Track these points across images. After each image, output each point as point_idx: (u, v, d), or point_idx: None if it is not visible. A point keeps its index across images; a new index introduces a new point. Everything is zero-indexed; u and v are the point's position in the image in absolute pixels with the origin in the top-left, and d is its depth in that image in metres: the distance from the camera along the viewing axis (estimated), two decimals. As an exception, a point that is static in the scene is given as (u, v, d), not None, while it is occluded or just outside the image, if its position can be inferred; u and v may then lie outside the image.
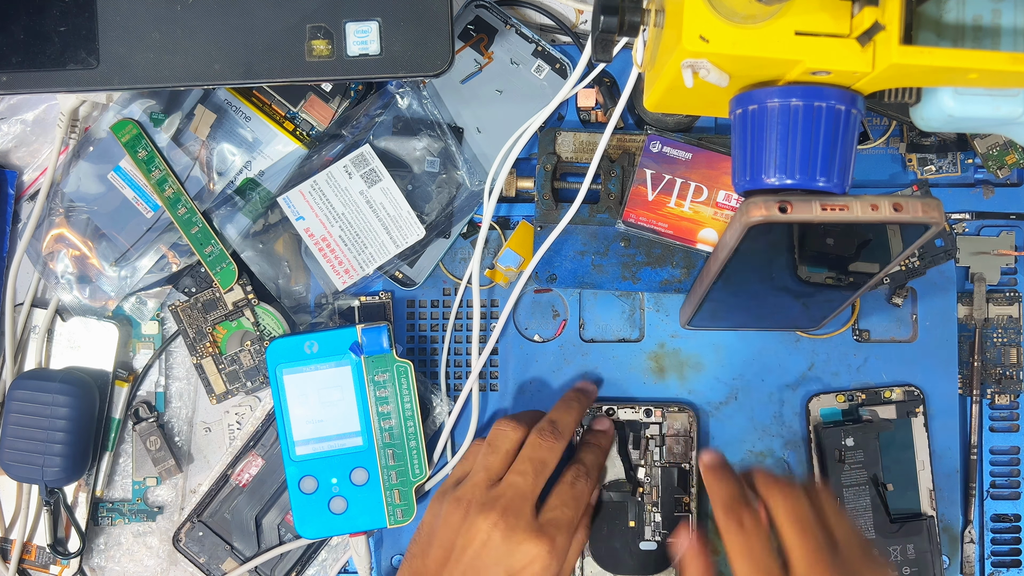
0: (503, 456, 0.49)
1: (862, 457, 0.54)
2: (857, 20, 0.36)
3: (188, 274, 0.56)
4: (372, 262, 0.55)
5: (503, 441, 0.50)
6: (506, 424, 0.50)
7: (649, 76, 0.43)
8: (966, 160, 0.56)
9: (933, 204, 0.39)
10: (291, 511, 0.54)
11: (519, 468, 0.48)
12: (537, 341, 0.56)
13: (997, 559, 0.56)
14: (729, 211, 0.52)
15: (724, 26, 0.36)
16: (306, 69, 0.48)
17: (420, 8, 0.47)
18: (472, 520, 0.47)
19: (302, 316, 0.56)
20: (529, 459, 0.49)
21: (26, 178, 0.57)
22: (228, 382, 0.56)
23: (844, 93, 0.38)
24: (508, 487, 0.48)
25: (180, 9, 0.47)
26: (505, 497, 0.47)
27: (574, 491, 0.49)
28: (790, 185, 0.38)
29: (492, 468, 0.49)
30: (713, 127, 0.55)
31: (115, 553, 0.57)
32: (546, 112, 0.54)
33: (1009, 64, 0.35)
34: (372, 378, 0.53)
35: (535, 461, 0.49)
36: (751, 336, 0.56)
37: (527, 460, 0.49)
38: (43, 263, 0.55)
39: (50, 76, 0.48)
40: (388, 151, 0.55)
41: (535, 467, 0.48)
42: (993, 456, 0.56)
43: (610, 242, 0.54)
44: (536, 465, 0.48)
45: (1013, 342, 0.56)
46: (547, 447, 0.49)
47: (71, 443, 0.53)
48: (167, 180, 0.54)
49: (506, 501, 0.47)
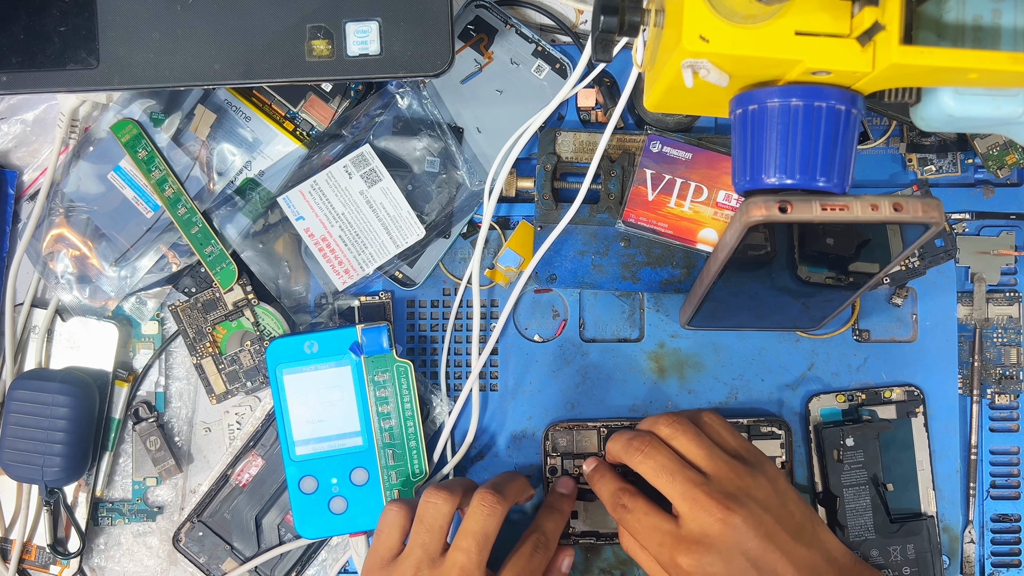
0: (438, 533, 0.47)
1: (862, 457, 0.54)
2: (857, 20, 0.36)
3: (188, 274, 0.56)
4: (372, 262, 0.55)
5: (435, 516, 0.47)
6: (435, 496, 0.48)
7: (649, 76, 0.43)
8: (966, 160, 0.56)
9: (933, 204, 0.39)
10: (291, 511, 0.54)
11: (461, 544, 0.46)
12: (537, 341, 0.56)
13: (997, 559, 0.56)
14: (729, 211, 0.52)
15: (724, 26, 0.36)
16: (306, 69, 0.48)
17: (420, 8, 0.47)
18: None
19: (302, 316, 0.56)
20: (472, 533, 0.47)
21: (26, 178, 0.57)
22: (228, 382, 0.56)
23: (844, 93, 0.38)
24: (452, 566, 0.46)
25: (180, 9, 0.47)
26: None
27: (531, 564, 0.48)
28: (790, 185, 0.39)
29: (429, 546, 0.47)
30: (713, 127, 0.55)
31: (115, 553, 0.57)
32: (546, 112, 0.54)
33: (1009, 64, 0.35)
34: (372, 378, 0.53)
35: (476, 534, 0.46)
36: (751, 336, 0.56)
37: (468, 534, 0.47)
38: (43, 263, 0.55)
39: (50, 76, 0.48)
40: (388, 151, 0.55)
41: (477, 541, 0.46)
42: (993, 456, 0.56)
43: (610, 242, 0.54)
44: (479, 539, 0.46)
45: (1013, 342, 0.56)
46: (488, 514, 0.47)
47: (71, 443, 0.53)
48: (167, 180, 0.54)
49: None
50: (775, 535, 0.44)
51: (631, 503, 0.47)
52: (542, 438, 0.55)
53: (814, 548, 0.45)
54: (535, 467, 0.56)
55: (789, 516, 0.45)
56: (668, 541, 0.44)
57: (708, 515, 0.43)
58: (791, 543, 0.44)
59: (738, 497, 0.44)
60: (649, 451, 0.46)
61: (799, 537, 0.44)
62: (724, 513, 0.43)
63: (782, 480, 0.47)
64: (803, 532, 0.45)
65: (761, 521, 0.44)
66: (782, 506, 0.45)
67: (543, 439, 0.55)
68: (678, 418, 0.48)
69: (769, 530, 0.44)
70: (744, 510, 0.43)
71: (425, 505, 0.48)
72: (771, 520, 0.44)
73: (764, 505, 0.44)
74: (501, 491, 0.48)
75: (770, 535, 0.44)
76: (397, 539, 0.48)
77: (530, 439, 0.56)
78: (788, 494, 0.46)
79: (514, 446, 0.56)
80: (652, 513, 0.46)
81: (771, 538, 0.44)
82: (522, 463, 0.56)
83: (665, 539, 0.45)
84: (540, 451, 0.55)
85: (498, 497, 0.48)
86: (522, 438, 0.56)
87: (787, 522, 0.45)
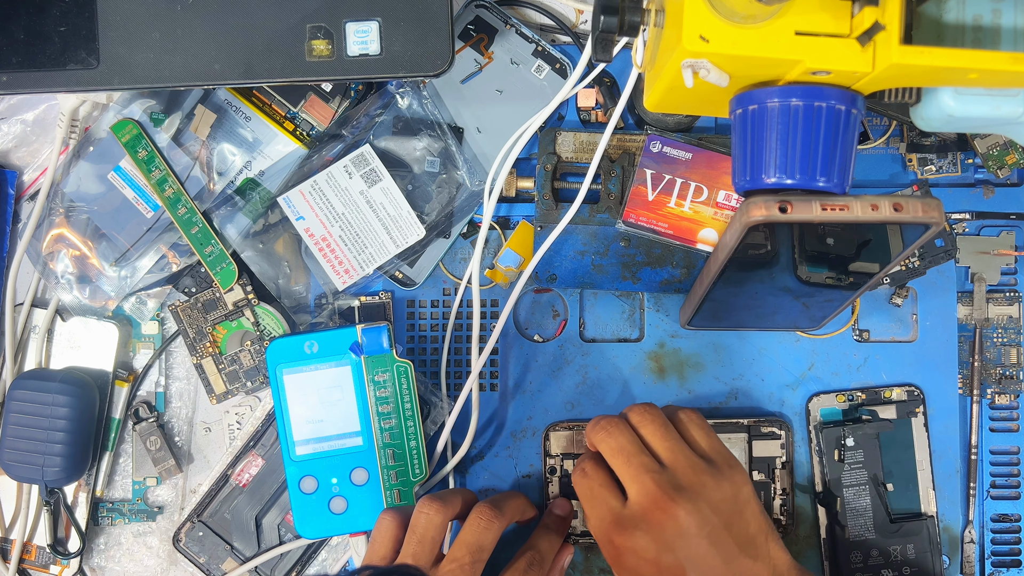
0: (431, 544, 0.47)
1: (862, 457, 0.54)
2: (857, 20, 0.36)
3: (188, 274, 0.56)
4: (372, 262, 0.55)
5: (428, 528, 0.47)
6: (429, 507, 0.47)
7: (649, 76, 0.43)
8: (966, 160, 0.56)
9: (933, 204, 0.39)
10: (291, 511, 0.54)
11: (455, 555, 0.46)
12: (537, 341, 0.56)
13: (997, 559, 0.56)
14: (729, 211, 0.52)
15: (724, 26, 0.36)
16: (306, 69, 0.48)
17: (420, 8, 0.47)
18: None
19: (302, 316, 0.56)
20: (467, 545, 0.46)
21: (26, 178, 0.57)
22: (228, 382, 0.56)
23: (844, 93, 0.38)
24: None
25: (180, 9, 0.47)
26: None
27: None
28: (790, 185, 0.39)
29: (420, 557, 0.46)
30: (713, 127, 0.55)
31: (115, 553, 0.57)
32: (546, 112, 0.54)
33: (1009, 64, 0.35)
34: (372, 378, 0.53)
35: (472, 546, 0.46)
36: (751, 336, 0.56)
37: (464, 546, 0.46)
38: (43, 263, 0.55)
39: (50, 76, 0.48)
40: (388, 151, 0.55)
41: (472, 554, 0.46)
42: (993, 456, 0.56)
43: (610, 242, 0.54)
44: (473, 551, 0.46)
45: (1013, 342, 0.56)
46: (484, 527, 0.47)
47: (71, 443, 0.53)
48: (167, 180, 0.54)
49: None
50: (719, 539, 0.43)
51: (591, 470, 0.47)
52: (542, 438, 0.55)
53: (760, 562, 0.44)
54: (535, 467, 0.56)
55: (743, 525, 0.45)
56: (608, 517, 0.45)
57: (651, 501, 0.43)
58: (735, 551, 0.43)
59: (688, 492, 0.44)
60: (612, 431, 0.46)
61: (747, 548, 0.44)
62: (667, 503, 0.43)
63: (747, 489, 0.46)
64: (753, 544, 0.44)
65: (707, 521, 0.43)
66: (737, 513, 0.45)
67: (543, 439, 0.55)
68: (650, 407, 0.48)
69: (713, 532, 0.43)
70: (690, 505, 0.43)
71: (418, 515, 0.47)
72: (719, 523, 0.44)
73: (715, 507, 0.44)
74: (500, 507, 0.48)
75: (713, 538, 0.43)
76: (390, 548, 0.48)
77: (530, 439, 0.56)
78: (749, 505, 0.45)
79: (514, 446, 0.56)
80: (606, 486, 0.46)
81: (714, 541, 0.43)
82: (522, 463, 0.56)
83: (606, 515, 0.45)
84: (540, 451, 0.55)
85: (496, 512, 0.47)
86: (522, 438, 0.56)
87: (738, 530, 0.44)
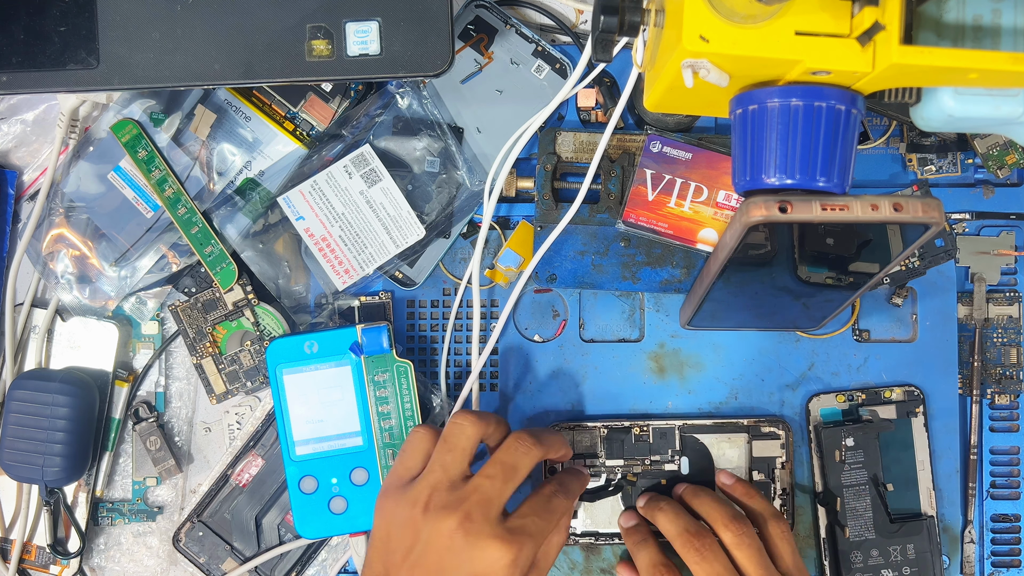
0: (460, 454, 0.46)
1: (862, 457, 0.54)
2: (857, 20, 0.36)
3: (188, 274, 0.56)
4: (372, 262, 0.55)
5: (460, 438, 0.46)
6: (463, 418, 0.46)
7: (649, 76, 0.43)
8: (966, 160, 0.56)
9: (933, 204, 0.39)
10: (291, 511, 0.54)
11: (488, 471, 0.45)
12: (537, 341, 0.56)
13: (997, 559, 0.56)
14: (729, 211, 0.52)
15: (724, 26, 0.36)
16: (306, 69, 0.48)
17: (420, 8, 0.47)
18: (433, 523, 0.44)
19: (302, 316, 0.56)
20: (501, 463, 0.45)
21: (26, 178, 0.57)
22: (228, 382, 0.56)
23: (844, 93, 0.38)
24: (474, 490, 0.44)
25: (180, 9, 0.47)
26: (469, 500, 0.44)
27: (550, 505, 0.46)
28: (790, 185, 0.38)
29: (450, 467, 0.45)
30: (713, 127, 0.55)
31: (115, 553, 0.57)
32: (546, 112, 0.54)
33: (1009, 64, 0.35)
34: (372, 378, 0.53)
35: (507, 466, 0.45)
36: (751, 336, 0.56)
37: (499, 463, 0.45)
38: (43, 263, 0.55)
39: (50, 76, 0.48)
40: (388, 151, 0.55)
41: (505, 472, 0.45)
42: (993, 456, 0.56)
43: (610, 242, 0.54)
44: (507, 470, 0.45)
45: (1013, 342, 0.56)
46: (523, 452, 0.46)
47: (71, 443, 0.53)
48: (167, 180, 0.54)
49: (470, 504, 0.44)
50: None
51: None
52: (542, 438, 0.55)
53: None
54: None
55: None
56: None
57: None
58: None
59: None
60: (707, 554, 0.46)
61: None
62: None
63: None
64: None
65: None
66: None
67: (543, 439, 0.55)
68: (747, 529, 0.48)
69: None
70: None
71: (451, 426, 0.46)
72: None
73: None
74: (539, 438, 0.47)
75: None
76: (419, 461, 0.47)
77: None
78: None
79: (514, 446, 0.56)
80: None
81: None
82: (522, 463, 0.56)
83: None
84: (540, 451, 0.55)
85: (535, 441, 0.47)
86: (522, 438, 0.56)
87: None
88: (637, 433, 0.54)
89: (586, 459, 0.54)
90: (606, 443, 0.54)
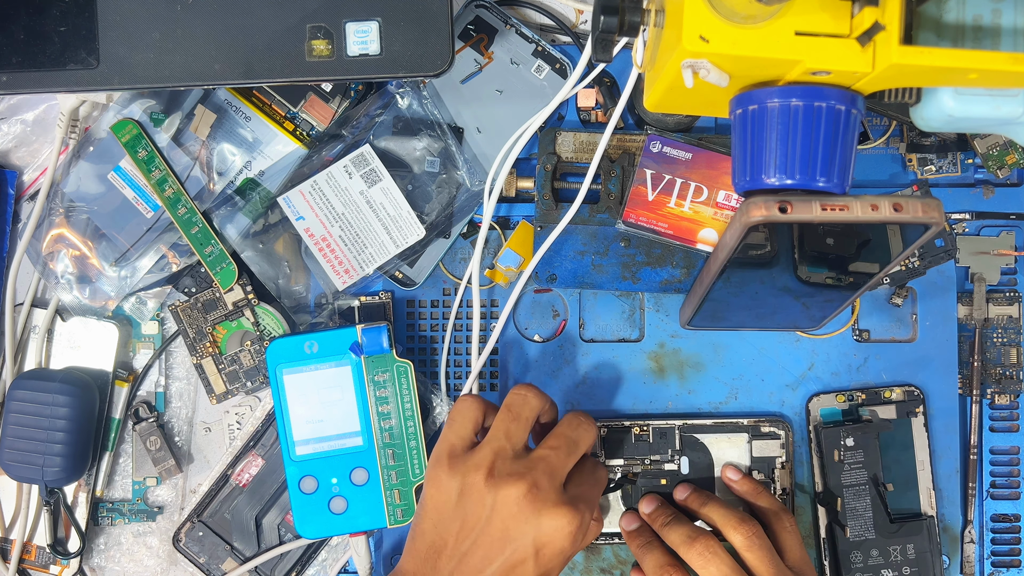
0: (524, 423, 0.47)
1: (862, 457, 0.54)
2: (857, 20, 0.36)
3: (188, 274, 0.56)
4: (372, 262, 0.55)
5: (524, 408, 0.47)
6: (527, 390, 0.48)
7: (649, 76, 0.43)
8: (966, 160, 0.56)
9: (933, 204, 0.39)
10: (291, 511, 0.54)
11: (552, 443, 0.46)
12: (537, 341, 0.56)
13: (997, 559, 0.56)
14: (729, 211, 0.52)
15: (724, 26, 0.36)
16: (306, 69, 0.48)
17: (420, 8, 0.47)
18: (499, 489, 0.44)
19: (302, 316, 0.56)
20: (565, 436, 0.47)
21: (26, 178, 0.57)
22: (228, 382, 0.56)
23: (844, 93, 0.38)
24: (539, 460, 0.45)
25: (180, 9, 0.47)
26: (536, 470, 0.45)
27: (596, 475, 0.49)
28: (790, 185, 0.38)
29: (514, 436, 0.46)
30: (713, 127, 0.55)
31: (115, 553, 0.57)
32: (546, 112, 0.54)
33: (1009, 64, 0.35)
34: (372, 378, 0.53)
35: (569, 440, 0.47)
36: (751, 336, 0.56)
37: (563, 436, 0.47)
38: (43, 263, 0.55)
39: (50, 76, 0.48)
40: (388, 151, 0.55)
41: (568, 445, 0.46)
42: (993, 456, 0.56)
43: (610, 242, 0.54)
44: (570, 444, 0.46)
45: (1013, 342, 0.56)
46: (584, 429, 0.47)
47: (71, 443, 0.53)
48: (167, 180, 0.54)
49: (537, 474, 0.45)
50: None
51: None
52: (542, 438, 0.55)
53: None
54: None
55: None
56: None
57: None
58: None
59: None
60: (711, 557, 0.47)
61: None
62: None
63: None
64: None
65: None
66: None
67: (543, 439, 0.55)
68: (756, 530, 0.48)
69: None
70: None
71: (515, 396, 0.47)
72: None
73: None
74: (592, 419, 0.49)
75: None
76: (471, 431, 0.48)
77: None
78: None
79: (514, 446, 0.56)
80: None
81: None
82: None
83: None
84: (540, 451, 0.55)
85: (591, 420, 0.48)
86: (522, 438, 0.56)
87: None
88: (637, 433, 0.55)
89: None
90: (606, 443, 0.54)
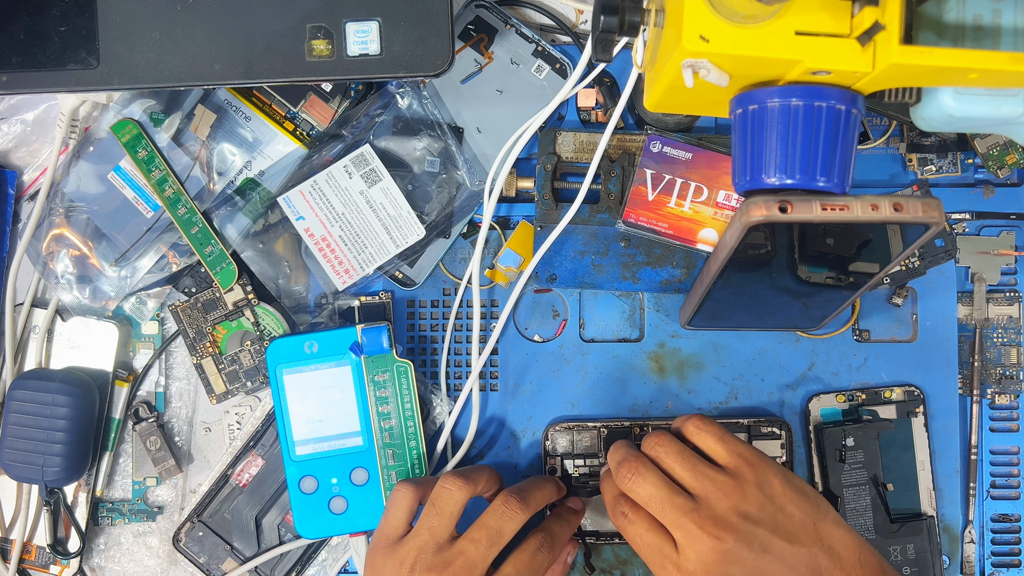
0: (448, 519, 0.47)
1: (862, 457, 0.54)
2: (857, 20, 0.36)
3: (188, 274, 0.56)
4: (372, 262, 0.55)
5: (448, 503, 0.47)
6: (451, 483, 0.48)
7: (649, 76, 0.43)
8: (966, 160, 0.56)
9: (933, 204, 0.39)
10: (291, 511, 0.54)
11: (473, 535, 0.47)
12: (537, 341, 0.56)
13: (997, 559, 0.56)
14: (729, 211, 0.52)
15: (724, 26, 0.36)
16: (306, 69, 0.48)
17: (420, 8, 0.47)
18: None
19: (302, 316, 0.56)
20: (486, 527, 0.47)
21: (26, 178, 0.57)
22: (228, 382, 0.56)
23: (844, 93, 0.38)
24: (458, 554, 0.46)
25: (180, 9, 0.47)
26: (454, 565, 0.46)
27: (533, 562, 0.48)
28: (790, 185, 0.39)
29: (436, 531, 0.47)
30: (713, 127, 0.55)
31: (115, 553, 0.57)
32: (546, 112, 0.54)
33: (1009, 64, 0.35)
34: (372, 378, 0.53)
35: (491, 530, 0.47)
36: (751, 336, 0.56)
37: (483, 528, 0.47)
38: (43, 263, 0.55)
39: (50, 76, 0.48)
40: (388, 151, 0.55)
41: (490, 537, 0.46)
42: (993, 456, 0.56)
43: (610, 242, 0.54)
44: (492, 535, 0.46)
45: (1013, 342, 0.56)
46: (508, 516, 0.47)
47: (71, 443, 0.53)
48: (167, 180, 0.54)
49: (454, 569, 0.45)
50: (770, 546, 0.43)
51: (633, 515, 0.46)
52: (542, 438, 0.55)
53: (815, 547, 0.44)
54: (535, 467, 0.56)
55: (786, 520, 0.44)
56: (669, 567, 0.44)
57: (701, 543, 0.43)
58: (788, 548, 0.43)
59: (728, 519, 0.43)
60: (636, 478, 0.46)
61: (798, 539, 0.44)
62: (715, 541, 0.43)
63: (778, 481, 0.45)
64: (803, 532, 0.44)
65: (754, 536, 0.43)
66: (778, 511, 0.44)
67: (543, 439, 0.55)
68: (662, 435, 0.47)
69: (763, 542, 0.43)
70: (734, 533, 0.43)
71: (440, 490, 0.48)
72: (765, 532, 0.44)
73: (756, 519, 0.44)
74: (527, 499, 0.48)
75: (765, 547, 0.43)
76: (404, 520, 0.48)
77: (530, 439, 0.56)
78: (786, 495, 0.45)
79: (514, 446, 0.56)
80: (653, 531, 0.45)
81: (766, 549, 0.43)
82: (522, 463, 0.56)
83: (666, 564, 0.44)
84: (540, 451, 0.55)
85: (523, 504, 0.48)
86: (522, 438, 0.56)
87: (784, 527, 0.44)
88: (637, 433, 0.55)
89: (586, 459, 0.54)
90: (606, 443, 0.54)
